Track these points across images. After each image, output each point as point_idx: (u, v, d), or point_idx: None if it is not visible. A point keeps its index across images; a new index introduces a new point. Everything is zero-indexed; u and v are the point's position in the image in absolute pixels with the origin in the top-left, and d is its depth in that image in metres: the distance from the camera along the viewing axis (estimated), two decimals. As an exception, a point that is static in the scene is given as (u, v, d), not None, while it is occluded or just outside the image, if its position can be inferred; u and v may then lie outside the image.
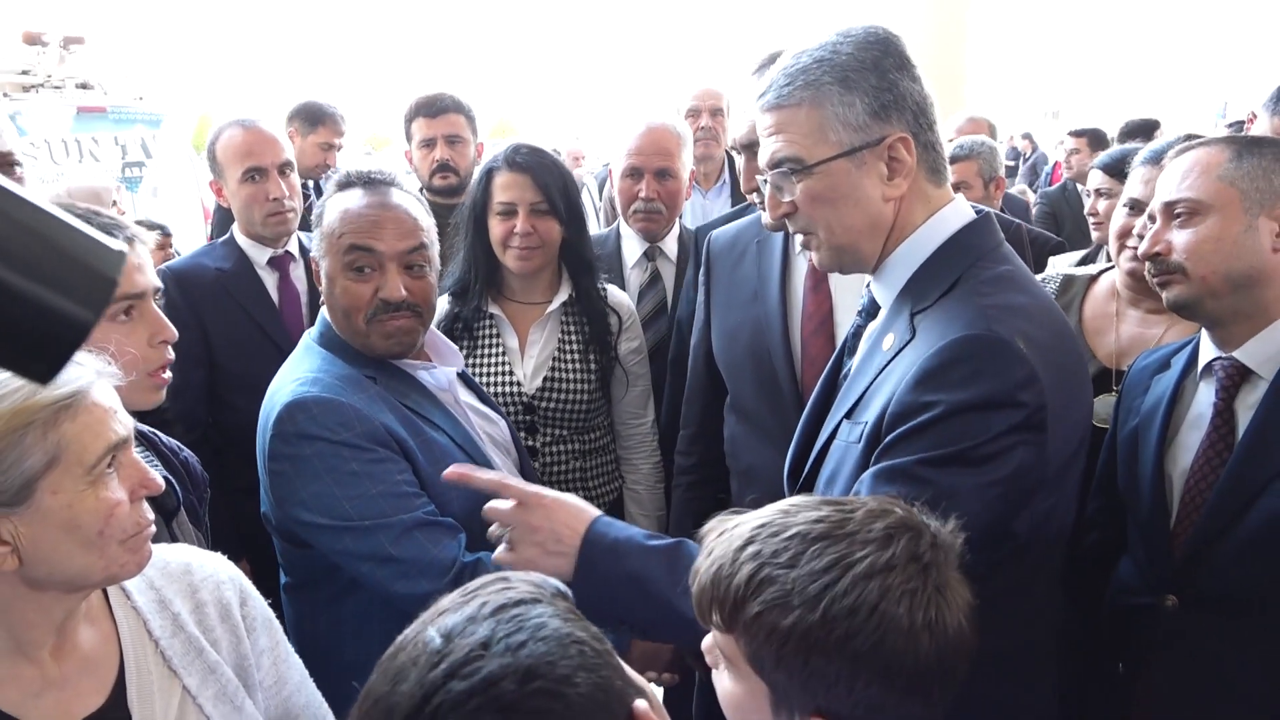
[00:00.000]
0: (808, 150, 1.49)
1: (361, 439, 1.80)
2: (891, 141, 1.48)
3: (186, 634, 1.37)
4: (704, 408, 2.51)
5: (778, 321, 2.20)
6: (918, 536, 1.12)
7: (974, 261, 1.50)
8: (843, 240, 1.55)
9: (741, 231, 2.39)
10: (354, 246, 1.88)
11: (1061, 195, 6.47)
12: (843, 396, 1.60)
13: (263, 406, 1.93)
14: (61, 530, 1.15)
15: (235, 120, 3.06)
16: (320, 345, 1.97)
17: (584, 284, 2.62)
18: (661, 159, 2.98)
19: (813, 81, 1.48)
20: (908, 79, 1.50)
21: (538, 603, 0.92)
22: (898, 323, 1.51)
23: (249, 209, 2.99)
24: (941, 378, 1.37)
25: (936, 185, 1.56)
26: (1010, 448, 1.36)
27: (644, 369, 2.76)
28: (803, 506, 1.15)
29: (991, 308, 1.41)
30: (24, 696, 1.20)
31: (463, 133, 3.65)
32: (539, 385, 2.55)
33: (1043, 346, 1.40)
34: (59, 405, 1.14)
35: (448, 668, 0.85)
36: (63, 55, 8.60)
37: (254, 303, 2.97)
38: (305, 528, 1.82)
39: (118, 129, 8.22)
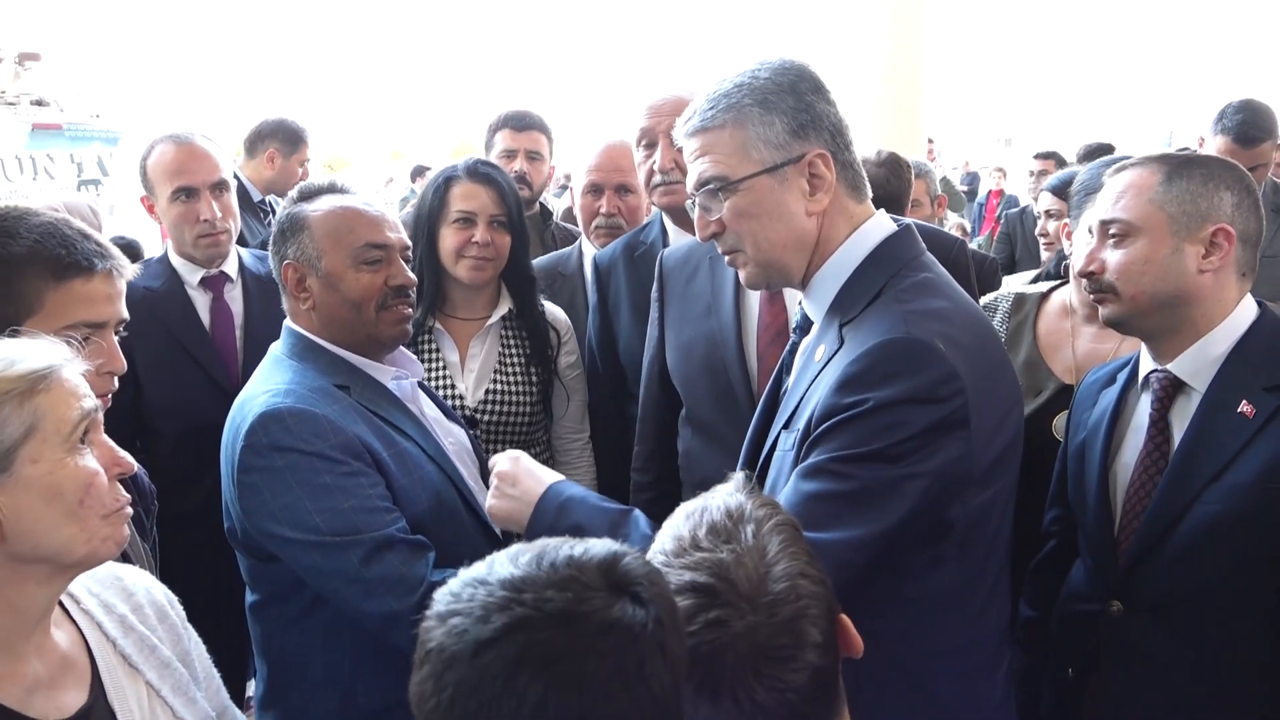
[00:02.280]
0: (732, 168, 1.58)
1: (335, 450, 1.81)
2: (811, 158, 1.57)
3: (137, 633, 1.42)
4: (659, 424, 2.53)
5: (732, 334, 2.24)
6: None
7: (896, 271, 1.58)
8: (769, 256, 1.62)
9: (694, 248, 2.43)
10: (371, 243, 1.98)
11: (1019, 218, 6.63)
12: (782, 409, 1.67)
13: (229, 420, 1.93)
14: (43, 499, 1.20)
15: (169, 135, 2.93)
16: (289, 357, 1.99)
17: (525, 299, 2.66)
18: (621, 175, 3.04)
19: (734, 104, 1.58)
20: (823, 102, 1.60)
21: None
22: (828, 335, 1.59)
23: (178, 229, 2.87)
24: (862, 380, 1.44)
25: (857, 201, 1.64)
26: (931, 442, 1.43)
27: (581, 383, 2.80)
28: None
29: (910, 312, 1.49)
30: (21, 693, 1.24)
31: (543, 150, 3.73)
32: (480, 398, 2.58)
33: (963, 347, 1.48)
34: (34, 378, 1.20)
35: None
36: (18, 71, 8.50)
37: (181, 324, 2.86)
38: (274, 541, 1.82)
39: (74, 146, 8.11)
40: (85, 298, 1.64)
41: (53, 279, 1.60)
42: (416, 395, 2.14)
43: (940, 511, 1.48)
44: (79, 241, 1.65)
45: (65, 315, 1.61)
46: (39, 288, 1.59)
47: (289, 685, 1.98)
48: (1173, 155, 1.92)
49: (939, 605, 1.55)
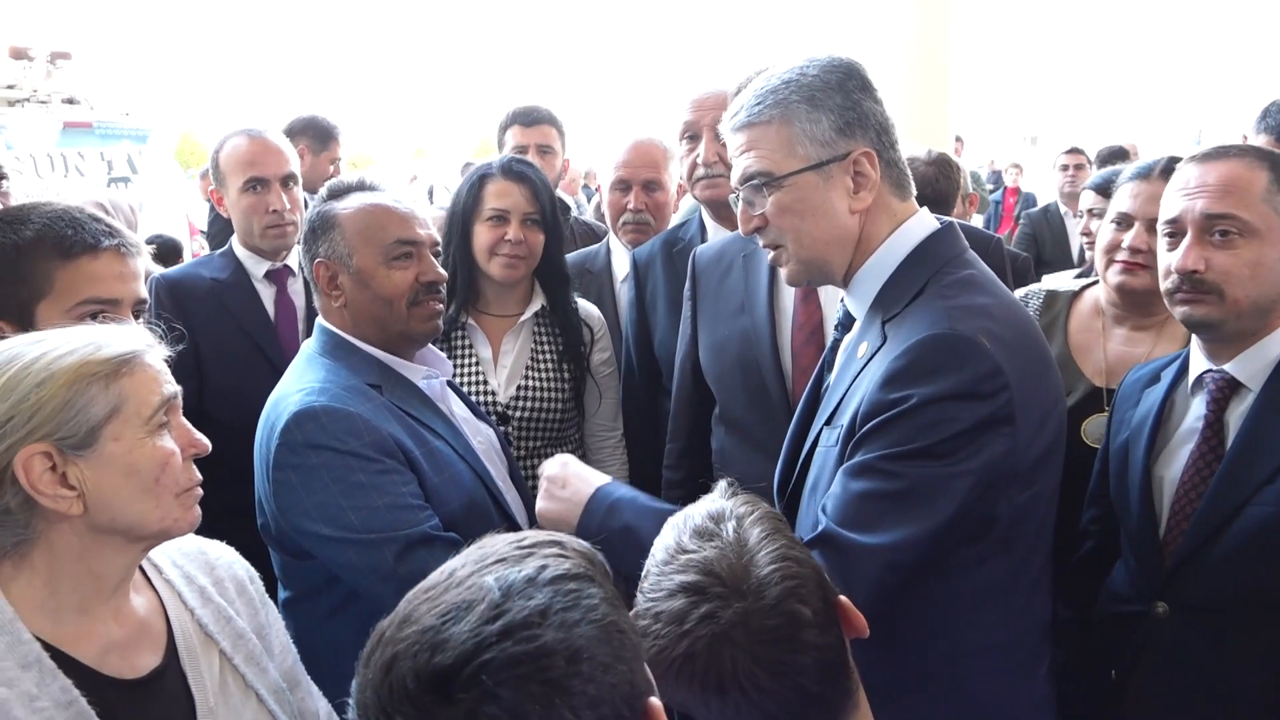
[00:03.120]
0: (777, 164, 1.58)
1: (369, 449, 1.82)
2: (856, 156, 1.57)
3: (215, 604, 1.50)
4: (691, 421, 2.53)
5: (766, 333, 2.23)
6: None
7: (939, 268, 1.57)
8: (811, 253, 1.62)
9: (727, 246, 2.43)
10: (401, 240, 1.99)
11: (1043, 217, 6.56)
12: (824, 406, 1.67)
13: (264, 417, 1.94)
14: (122, 475, 1.28)
15: (242, 130, 3.01)
16: (322, 356, 2.00)
17: (558, 296, 2.65)
18: (648, 171, 3.06)
19: (781, 100, 1.58)
20: (870, 100, 1.60)
21: (590, 581, 0.95)
22: (870, 332, 1.59)
23: (248, 220, 2.93)
24: (907, 375, 1.44)
25: (901, 199, 1.64)
26: (977, 439, 1.42)
27: (614, 381, 2.79)
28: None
29: (955, 308, 1.49)
30: (97, 652, 1.31)
31: (554, 144, 3.73)
32: (512, 394, 2.57)
33: (1007, 343, 1.47)
34: (119, 361, 1.29)
35: (504, 626, 0.87)
36: (49, 70, 8.58)
37: (248, 315, 2.91)
38: (309, 538, 1.83)
39: (104, 144, 8.20)
40: (93, 275, 1.67)
41: (60, 258, 1.64)
42: (446, 394, 2.14)
43: (984, 509, 1.47)
44: (87, 222, 1.69)
45: (75, 293, 1.66)
46: (47, 268, 1.63)
47: (320, 681, 1.98)
48: (1266, 151, 1.82)
49: (979, 602, 1.54)
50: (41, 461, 1.23)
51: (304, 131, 4.56)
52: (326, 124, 4.63)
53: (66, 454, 1.24)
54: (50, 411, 1.23)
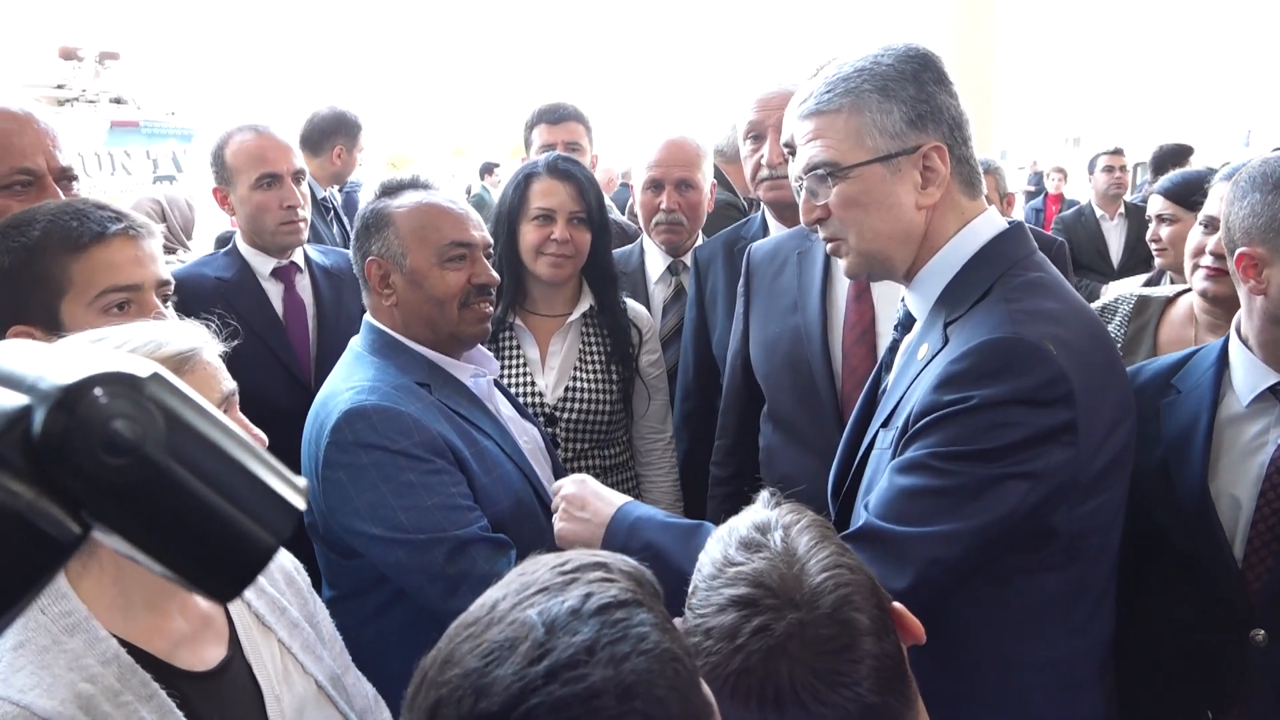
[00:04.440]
0: (843, 154, 1.53)
1: (419, 448, 1.81)
2: (926, 150, 1.52)
3: (268, 596, 1.52)
4: (740, 418, 2.51)
5: (818, 331, 2.20)
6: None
7: (1005, 270, 1.52)
8: (872, 246, 1.58)
9: (782, 243, 2.41)
10: (456, 241, 1.99)
11: (1076, 219, 6.43)
12: (881, 407, 1.63)
13: (312, 415, 1.94)
14: None
15: (246, 125, 2.95)
16: (370, 353, 1.99)
17: (607, 296, 2.63)
18: (681, 170, 3.02)
19: (853, 89, 1.53)
20: (945, 93, 1.55)
21: (639, 606, 0.90)
22: (932, 333, 1.54)
23: (260, 216, 2.87)
24: (964, 378, 1.40)
25: (970, 198, 1.59)
26: (1036, 445, 1.37)
27: (663, 383, 2.76)
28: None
29: (1019, 312, 1.44)
30: (168, 646, 1.33)
31: (581, 141, 3.69)
32: (560, 395, 2.54)
33: (1075, 350, 1.42)
34: (180, 359, 1.29)
35: (550, 666, 0.83)
36: (98, 70, 8.72)
37: (256, 314, 2.85)
38: (358, 537, 1.82)
39: (150, 143, 8.31)
40: (107, 263, 1.65)
41: (71, 251, 1.62)
42: (493, 393, 2.14)
43: (1043, 518, 1.42)
44: (91, 211, 1.66)
45: (94, 284, 1.63)
46: (62, 264, 1.61)
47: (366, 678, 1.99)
48: None
49: (1040, 615, 1.49)
50: None
51: (337, 130, 4.54)
52: (352, 118, 4.61)
53: None
54: None
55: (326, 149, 4.55)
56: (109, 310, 1.64)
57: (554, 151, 2.75)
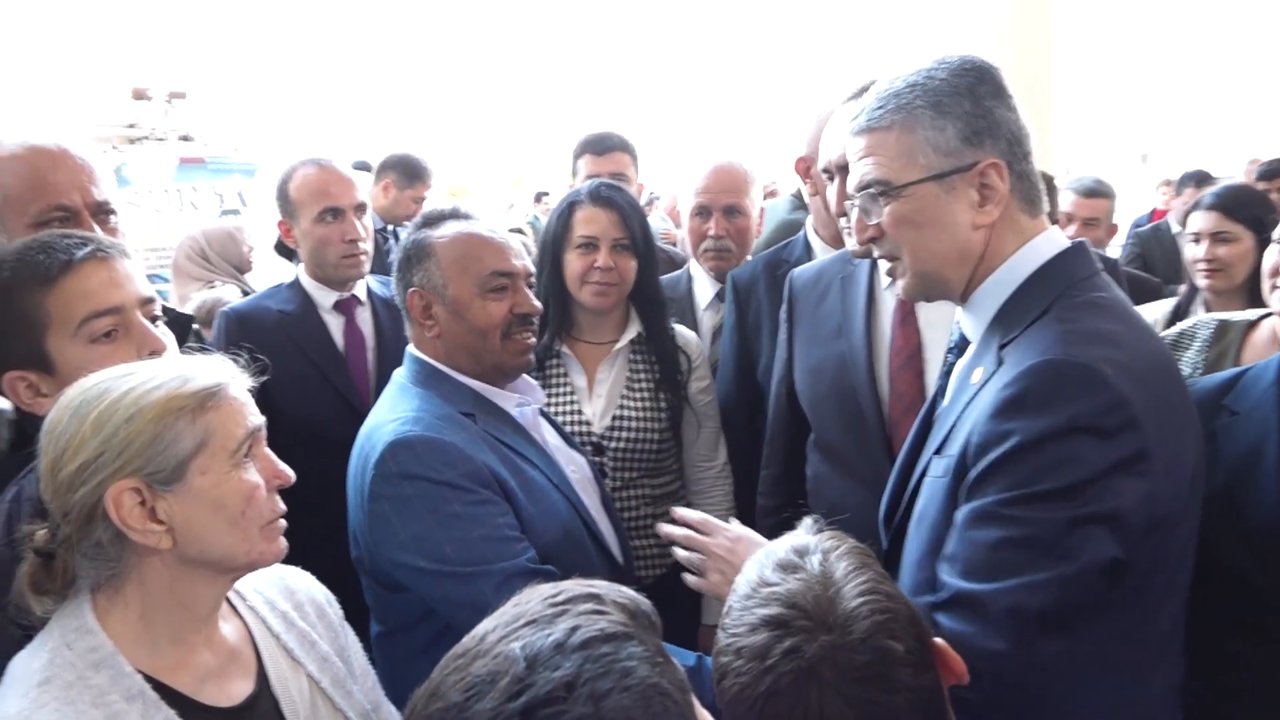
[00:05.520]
0: (896, 173, 1.49)
1: (464, 479, 1.80)
2: (983, 167, 1.46)
3: (298, 629, 1.51)
4: (786, 447, 2.46)
5: (863, 357, 2.15)
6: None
7: (1065, 290, 1.46)
8: (928, 267, 1.53)
9: (825, 268, 2.36)
10: (497, 271, 1.99)
11: (1153, 235, 6.29)
12: (934, 434, 1.57)
13: (357, 448, 1.94)
14: (210, 509, 1.28)
15: (309, 159, 2.98)
16: (414, 384, 1.99)
17: (654, 322, 2.60)
18: (729, 196, 3.00)
19: (905, 105, 1.49)
20: (1003, 108, 1.50)
21: (629, 639, 0.89)
22: (986, 356, 1.48)
23: (323, 250, 2.90)
24: (1019, 405, 1.33)
25: (1031, 216, 1.52)
26: (1108, 479, 1.30)
27: (714, 409, 2.71)
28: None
29: (1074, 333, 1.37)
30: (194, 681, 1.33)
31: (627, 171, 3.69)
32: (608, 424, 2.52)
33: (1136, 375, 1.34)
34: (205, 395, 1.29)
35: (527, 703, 0.82)
36: (166, 109, 9.03)
37: (317, 347, 2.88)
38: (404, 570, 1.81)
39: (215, 179, 8.57)
40: (81, 291, 1.59)
41: (43, 285, 1.58)
42: (538, 422, 2.12)
43: (1116, 555, 1.33)
44: (58, 241, 1.62)
45: (73, 314, 1.58)
46: (36, 300, 1.57)
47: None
48: None
49: (1101, 659, 1.41)
50: (131, 497, 1.24)
51: (394, 167, 4.71)
52: (417, 163, 4.73)
53: (155, 489, 1.25)
54: (139, 447, 1.24)
55: (379, 181, 4.73)
56: (95, 339, 1.59)
57: (599, 180, 2.73)
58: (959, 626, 1.32)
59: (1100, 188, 4.16)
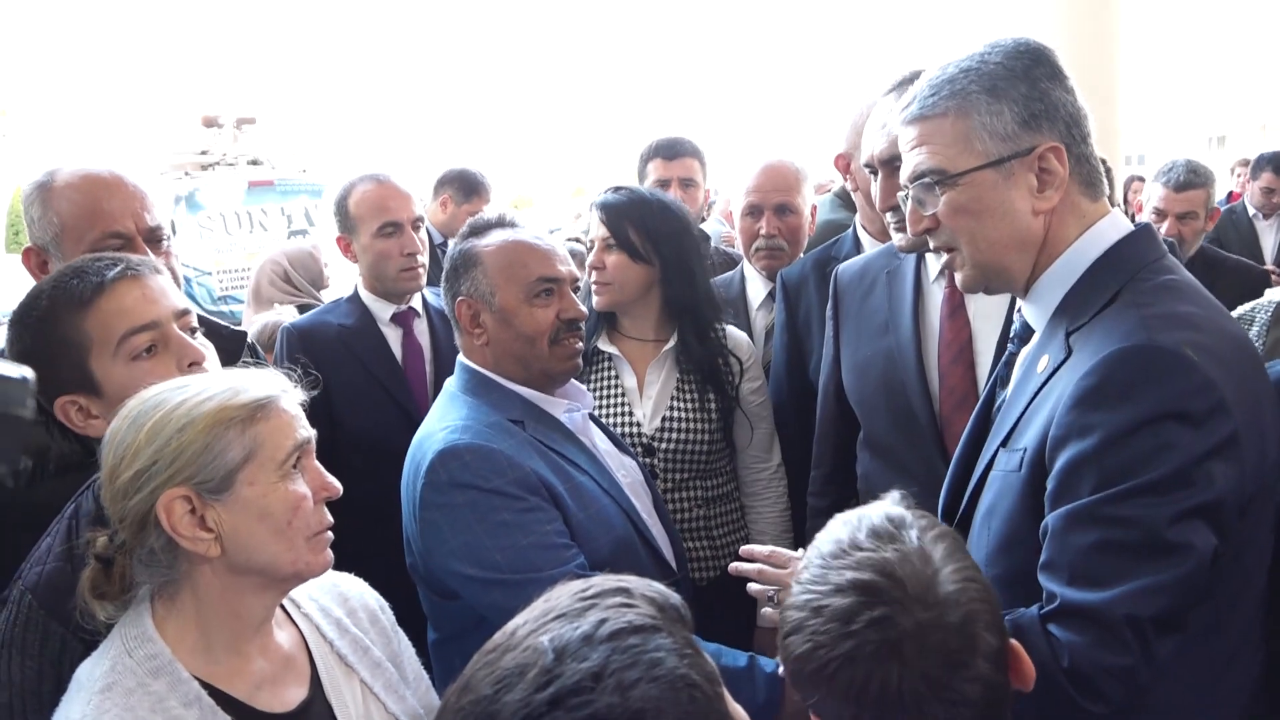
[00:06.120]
0: (951, 161, 1.46)
1: (513, 486, 1.81)
2: (1042, 151, 1.43)
3: (351, 635, 1.54)
4: (836, 446, 2.44)
5: (911, 352, 2.11)
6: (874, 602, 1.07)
7: (1134, 274, 1.41)
8: (988, 257, 1.49)
9: (870, 262, 2.34)
10: (543, 277, 2.01)
11: (1228, 218, 6.09)
12: (998, 425, 1.53)
13: (409, 457, 1.97)
14: (256, 518, 1.31)
15: (368, 175, 3.05)
16: (464, 393, 2.02)
17: (684, 328, 2.54)
18: (780, 195, 2.99)
19: (959, 91, 1.45)
20: (1060, 89, 1.46)
21: (657, 631, 0.89)
22: (1053, 344, 1.44)
23: (382, 263, 2.96)
24: (1102, 395, 1.29)
25: (1092, 199, 1.48)
26: (1204, 465, 1.25)
27: (766, 410, 2.68)
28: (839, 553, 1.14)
29: (1153, 317, 1.33)
30: (249, 688, 1.36)
31: (696, 176, 3.72)
32: (657, 426, 2.51)
33: (1219, 357, 1.29)
34: (254, 407, 1.32)
35: (554, 693, 0.83)
36: (236, 135, 9.31)
37: (376, 359, 2.93)
38: (455, 578, 1.83)
39: (284, 200, 8.81)
40: (118, 310, 1.63)
41: (80, 309, 1.62)
42: (588, 427, 2.13)
43: (1219, 546, 1.28)
44: (90, 265, 1.67)
45: (112, 333, 1.62)
46: (75, 322, 1.62)
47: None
48: None
49: (1185, 649, 1.34)
50: (182, 505, 1.28)
51: (451, 182, 4.79)
52: (476, 178, 4.80)
53: (205, 498, 1.29)
54: (190, 456, 1.27)
55: (438, 196, 4.83)
56: (137, 355, 1.62)
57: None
58: (1074, 638, 1.27)
59: (1193, 178, 3.97)
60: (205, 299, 8.07)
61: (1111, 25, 6.85)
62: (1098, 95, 7.06)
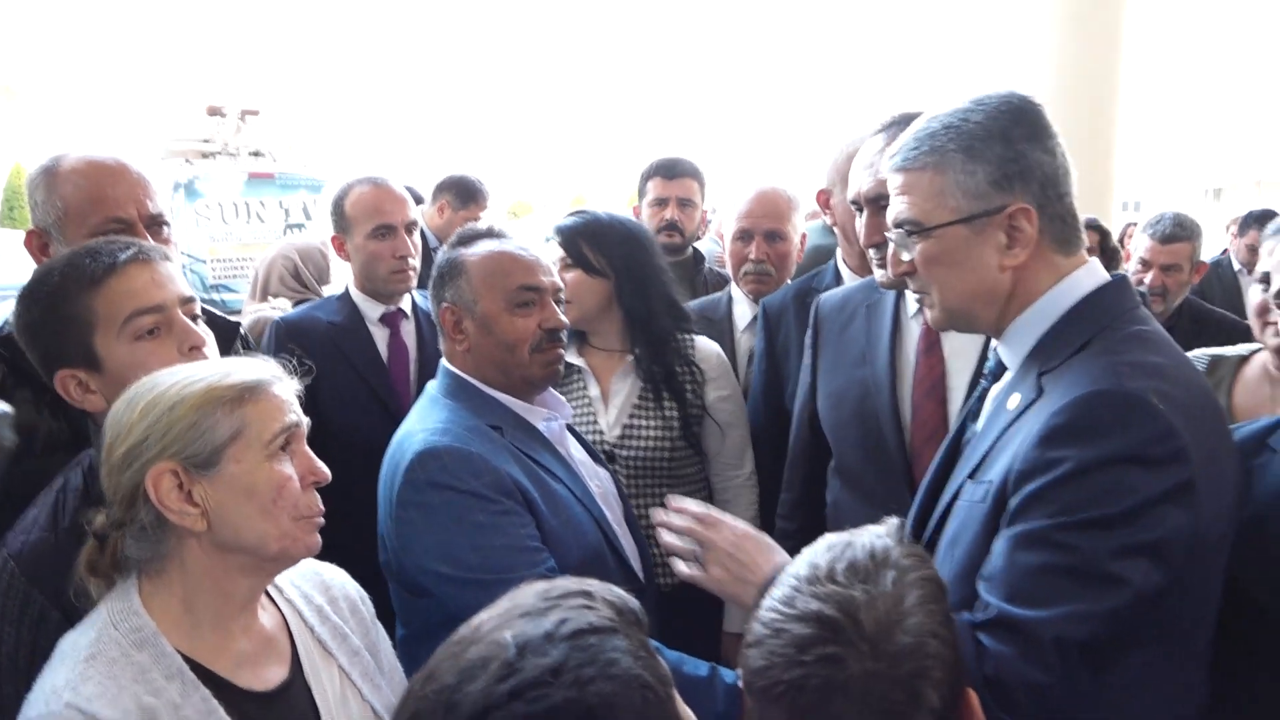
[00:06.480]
0: (927, 214, 1.53)
1: (489, 489, 1.85)
2: (1012, 211, 1.49)
3: (331, 622, 1.59)
4: (807, 472, 2.48)
5: (886, 384, 2.17)
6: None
7: (1108, 323, 1.48)
8: (956, 304, 1.57)
9: (851, 294, 2.39)
10: (525, 286, 2.04)
11: (1214, 272, 6.17)
12: (966, 458, 1.59)
13: (388, 456, 2.01)
14: (242, 495, 1.36)
15: (365, 178, 3.10)
16: (445, 397, 2.06)
17: (639, 337, 2.60)
18: (770, 221, 3.05)
19: (938, 148, 1.52)
20: (1039, 150, 1.51)
21: (614, 633, 0.93)
22: (1025, 383, 1.50)
23: (374, 264, 3.01)
24: (1069, 433, 1.35)
25: (1065, 255, 1.54)
26: (1157, 508, 1.31)
27: (738, 419, 2.73)
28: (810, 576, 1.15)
29: (1124, 364, 1.39)
30: (231, 665, 1.40)
31: (694, 197, 3.77)
32: (618, 434, 2.57)
33: (1183, 407, 1.36)
34: (244, 389, 1.37)
35: (515, 685, 0.87)
36: (239, 126, 9.35)
37: (362, 358, 2.99)
38: (428, 576, 1.86)
39: (283, 193, 8.84)
40: (127, 290, 1.68)
41: (90, 287, 1.67)
42: (564, 437, 2.17)
43: (1159, 588, 1.34)
44: (103, 247, 1.73)
45: (118, 312, 1.67)
46: (85, 301, 1.67)
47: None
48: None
49: (1127, 691, 1.41)
50: (169, 479, 1.33)
51: (449, 188, 4.81)
52: (474, 184, 4.83)
53: (192, 473, 1.34)
54: (178, 432, 1.33)
55: (435, 201, 4.86)
56: (139, 336, 1.68)
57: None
58: (1002, 649, 1.34)
59: (1178, 231, 4.01)
60: (198, 286, 8.07)
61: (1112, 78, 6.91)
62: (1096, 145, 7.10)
